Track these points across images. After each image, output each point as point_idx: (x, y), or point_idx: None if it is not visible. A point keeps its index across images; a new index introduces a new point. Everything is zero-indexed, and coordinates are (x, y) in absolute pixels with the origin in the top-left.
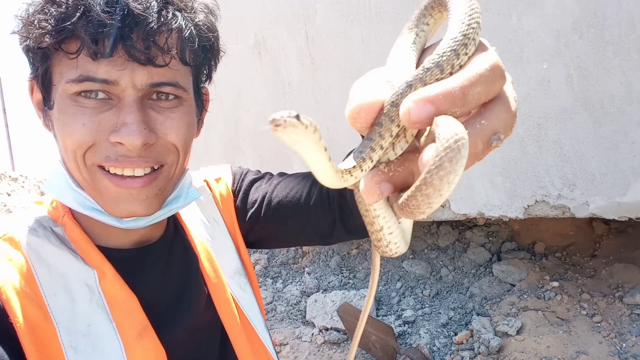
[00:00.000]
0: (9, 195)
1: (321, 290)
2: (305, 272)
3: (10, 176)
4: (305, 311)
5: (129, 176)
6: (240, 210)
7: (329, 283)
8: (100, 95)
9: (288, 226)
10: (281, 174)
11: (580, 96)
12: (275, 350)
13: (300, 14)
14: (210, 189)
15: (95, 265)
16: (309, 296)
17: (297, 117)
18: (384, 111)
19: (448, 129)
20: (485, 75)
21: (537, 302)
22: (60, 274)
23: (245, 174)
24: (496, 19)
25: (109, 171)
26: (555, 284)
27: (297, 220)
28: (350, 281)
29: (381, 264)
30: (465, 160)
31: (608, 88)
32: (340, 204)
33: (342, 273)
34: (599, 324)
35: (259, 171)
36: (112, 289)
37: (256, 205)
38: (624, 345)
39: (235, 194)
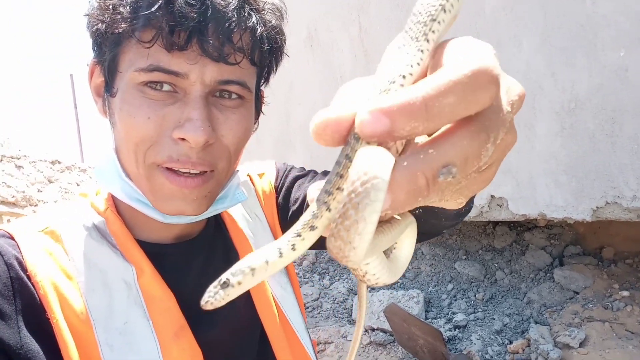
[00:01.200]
0: (78, 185)
1: (369, 289)
2: None
3: (79, 167)
4: (351, 309)
5: (184, 173)
6: (282, 208)
7: None
8: (166, 87)
9: None
10: (325, 173)
11: None
12: (314, 352)
13: (353, 5)
14: (253, 184)
15: (134, 261)
16: (356, 294)
17: (225, 283)
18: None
19: (357, 165)
20: (461, 83)
21: (603, 312)
22: (99, 270)
23: (289, 170)
24: (567, 3)
25: (166, 167)
26: (625, 293)
27: None
28: (399, 280)
29: (368, 289)
30: (380, 204)
31: None
32: None
33: None
34: None
35: (304, 168)
36: (149, 286)
37: (298, 203)
38: None
39: (277, 190)
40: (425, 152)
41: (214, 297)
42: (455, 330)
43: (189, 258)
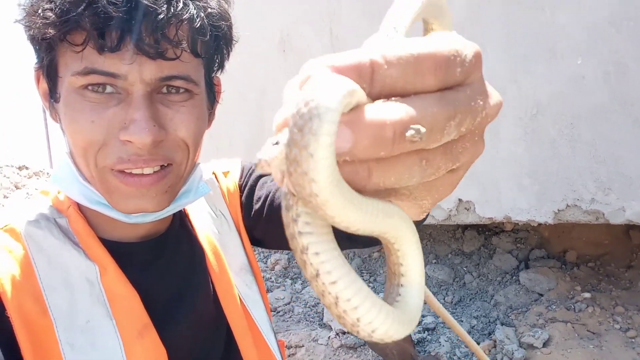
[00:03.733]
0: None
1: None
2: None
3: (48, 173)
4: (322, 313)
5: (137, 174)
6: (246, 206)
7: None
8: (108, 89)
9: None
10: None
11: (618, 94)
12: (280, 352)
13: (325, 12)
14: (218, 182)
15: (97, 259)
16: None
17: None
18: None
19: (308, 89)
20: (406, 61)
21: (566, 313)
22: (61, 268)
23: (254, 169)
24: (527, 13)
25: (118, 170)
26: (587, 295)
27: None
28: (371, 285)
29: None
30: (327, 138)
31: None
32: None
33: (362, 276)
34: (633, 340)
35: None
36: (113, 285)
37: (260, 203)
38: None
39: (241, 189)
40: (398, 106)
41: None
42: (424, 332)
43: (154, 256)
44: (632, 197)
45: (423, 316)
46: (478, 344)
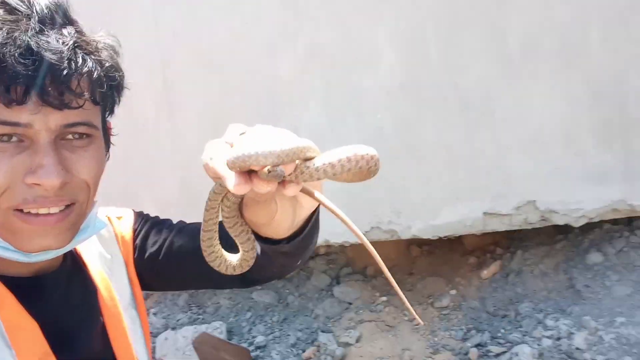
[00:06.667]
0: None
1: (170, 329)
2: (151, 313)
3: None
4: (154, 351)
5: (43, 214)
6: (140, 249)
7: (177, 321)
8: (14, 138)
9: (184, 271)
10: (181, 222)
11: (404, 141)
12: None
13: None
14: (112, 224)
15: None
16: (156, 337)
17: None
18: None
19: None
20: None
21: (370, 314)
22: None
23: (147, 216)
24: (341, 76)
25: (22, 211)
26: (384, 298)
27: (194, 267)
28: (200, 317)
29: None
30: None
31: (423, 136)
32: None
33: (190, 310)
34: (417, 327)
35: (158, 217)
36: (11, 317)
37: (156, 246)
38: (436, 339)
39: (136, 233)
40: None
41: None
42: (257, 350)
43: (49, 289)
44: (415, 217)
45: (254, 337)
46: (303, 351)
